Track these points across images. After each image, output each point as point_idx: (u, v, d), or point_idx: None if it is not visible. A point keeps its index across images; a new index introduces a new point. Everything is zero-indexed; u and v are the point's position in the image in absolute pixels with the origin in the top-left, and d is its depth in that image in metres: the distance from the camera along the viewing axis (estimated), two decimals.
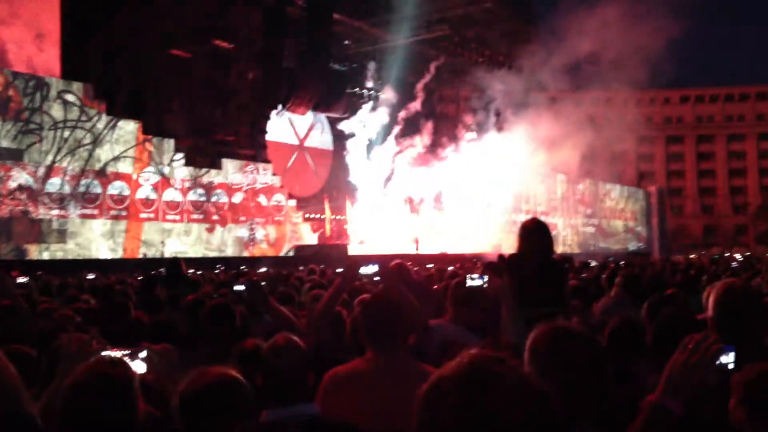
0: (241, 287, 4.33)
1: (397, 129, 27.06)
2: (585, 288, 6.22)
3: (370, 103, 28.45)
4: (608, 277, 6.61)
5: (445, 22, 27.64)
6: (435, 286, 6.07)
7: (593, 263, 14.30)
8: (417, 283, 5.29)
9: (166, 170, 20.50)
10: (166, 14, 21.01)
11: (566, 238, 36.81)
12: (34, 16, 18.20)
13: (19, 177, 17.08)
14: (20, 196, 17.05)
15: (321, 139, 30.29)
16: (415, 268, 8.85)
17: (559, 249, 27.86)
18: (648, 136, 61.98)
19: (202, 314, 3.57)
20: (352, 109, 28.21)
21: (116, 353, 2.50)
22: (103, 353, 2.45)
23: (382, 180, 27.11)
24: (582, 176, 36.99)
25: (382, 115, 27.20)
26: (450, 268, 10.43)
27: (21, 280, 7.41)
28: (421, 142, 26.80)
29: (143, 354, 2.55)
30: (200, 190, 21.39)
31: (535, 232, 4.20)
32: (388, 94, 27.43)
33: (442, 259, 18.21)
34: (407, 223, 26.31)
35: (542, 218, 5.07)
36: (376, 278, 4.71)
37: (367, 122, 27.28)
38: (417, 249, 23.54)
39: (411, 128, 27.30)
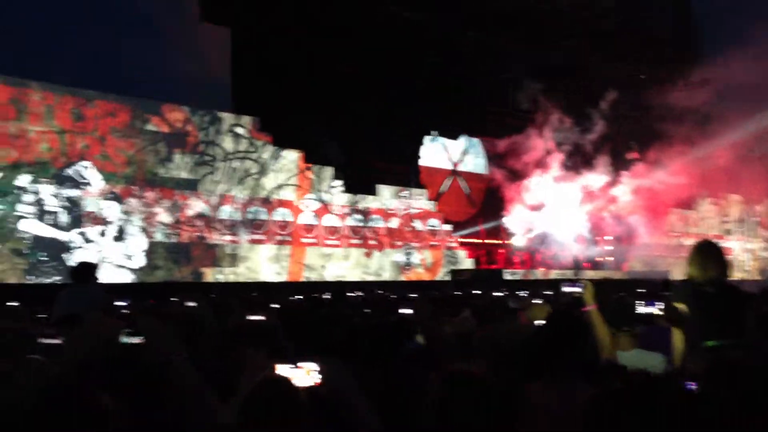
0: (409, 310, 4.36)
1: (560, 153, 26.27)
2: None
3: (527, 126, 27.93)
4: None
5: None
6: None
7: None
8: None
9: (326, 197, 21.35)
10: (323, 47, 22.02)
11: (744, 263, 33.91)
12: (208, 54, 19.72)
13: (196, 205, 18.50)
14: (197, 223, 18.45)
15: (475, 162, 30.16)
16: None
17: (736, 275, 25.70)
18: None
19: (374, 333, 3.63)
20: (508, 132, 27.86)
21: (288, 367, 2.56)
22: (277, 367, 2.52)
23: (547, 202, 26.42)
24: (761, 196, 34.04)
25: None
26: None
27: (190, 303, 7.92)
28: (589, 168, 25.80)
29: (316, 367, 2.59)
30: (358, 216, 22.07)
31: (708, 255, 3.86)
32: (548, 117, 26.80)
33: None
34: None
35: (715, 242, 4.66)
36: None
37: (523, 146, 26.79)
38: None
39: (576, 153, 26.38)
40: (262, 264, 19.63)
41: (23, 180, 15.63)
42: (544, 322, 3.34)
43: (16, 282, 15.01)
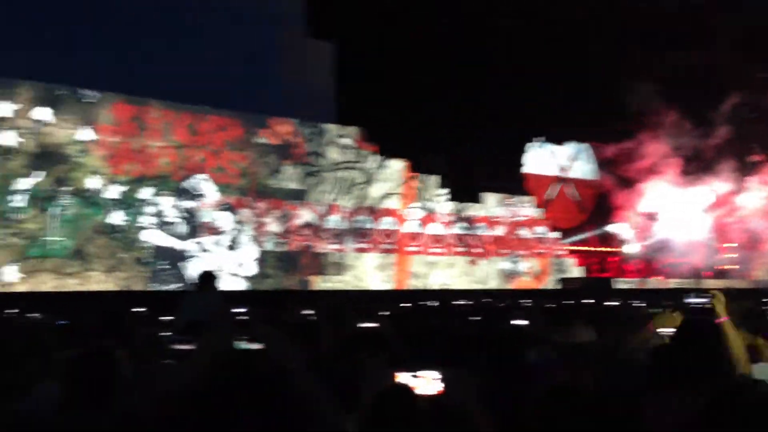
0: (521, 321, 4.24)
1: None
2: None
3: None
4: None
5: None
6: None
7: None
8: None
9: (431, 205, 21.35)
10: (429, 57, 22.09)
11: None
12: (314, 68, 20.23)
13: (305, 215, 18.95)
14: (305, 232, 18.90)
15: (584, 168, 29.29)
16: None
17: None
18: None
19: (491, 343, 3.56)
20: (619, 137, 26.87)
21: (409, 376, 2.53)
22: (397, 376, 2.50)
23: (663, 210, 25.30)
24: None
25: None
26: None
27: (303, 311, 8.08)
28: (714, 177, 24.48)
29: (438, 376, 2.55)
30: (463, 224, 21.92)
31: None
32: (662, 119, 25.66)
33: None
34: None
35: None
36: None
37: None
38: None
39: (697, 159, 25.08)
40: (368, 272, 19.83)
41: (145, 193, 16.55)
42: (673, 331, 3.16)
43: (141, 289, 15.86)
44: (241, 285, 17.45)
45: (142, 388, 2.12)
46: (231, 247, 17.74)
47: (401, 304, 12.04)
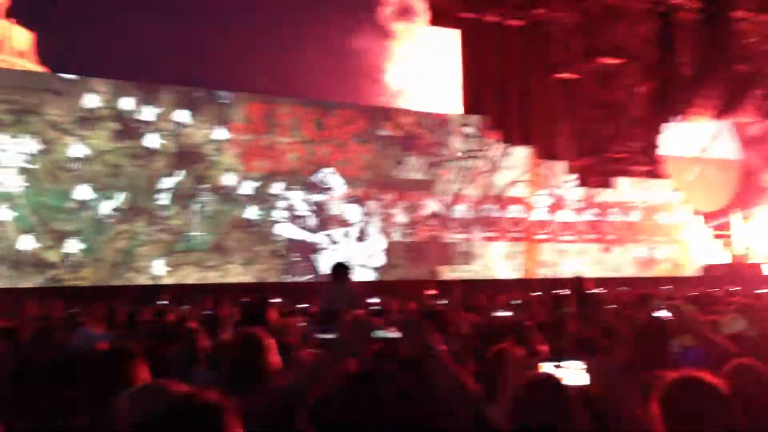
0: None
1: None
2: None
3: None
4: None
5: None
6: None
7: None
8: None
9: (559, 192, 20.74)
10: (552, 41, 21.51)
11: None
12: (437, 57, 20.18)
13: (431, 205, 18.98)
14: (432, 223, 18.92)
15: (726, 148, 27.40)
16: None
17: None
18: None
19: (638, 334, 3.39)
20: (764, 114, 24.96)
21: (552, 365, 2.45)
22: (542, 366, 2.44)
23: None
24: None
25: None
26: None
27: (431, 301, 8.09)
28: None
29: (583, 366, 2.46)
30: (594, 210, 21.14)
31: None
32: None
33: None
34: None
35: None
36: None
37: None
38: None
39: None
40: (496, 261, 19.58)
41: (277, 188, 17.18)
42: None
43: (276, 281, 16.51)
44: (370, 276, 17.74)
45: (289, 375, 2.17)
46: (359, 239, 18.07)
47: (533, 293, 11.81)
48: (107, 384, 1.97)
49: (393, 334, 2.27)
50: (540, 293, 11.91)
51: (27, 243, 14.52)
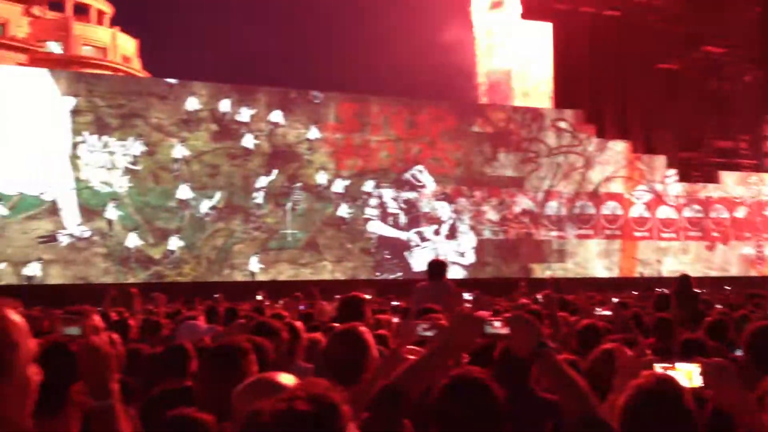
0: None
1: None
2: None
3: None
4: None
5: None
6: None
7: None
8: None
9: (659, 187, 19.95)
10: (651, 31, 20.70)
11: None
12: (530, 56, 19.82)
13: (522, 202, 18.65)
14: (524, 220, 18.60)
15: None
16: None
17: None
18: None
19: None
20: None
21: (664, 366, 2.36)
22: (656, 367, 2.36)
23: None
24: None
25: None
26: None
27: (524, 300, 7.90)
28: None
29: (697, 368, 2.35)
30: (696, 206, 20.21)
31: None
32: None
33: None
34: None
35: None
36: None
37: None
38: None
39: None
40: (591, 259, 19.05)
41: (368, 186, 17.33)
42: None
43: (366, 278, 16.66)
44: (461, 273, 17.61)
45: (392, 370, 2.17)
46: (449, 236, 17.99)
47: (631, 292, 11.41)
48: (223, 377, 2.03)
49: (503, 330, 2.22)
50: (638, 293, 11.47)
51: (133, 240, 15.26)
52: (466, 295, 6.32)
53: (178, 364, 2.88)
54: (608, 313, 5.43)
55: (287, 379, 1.69)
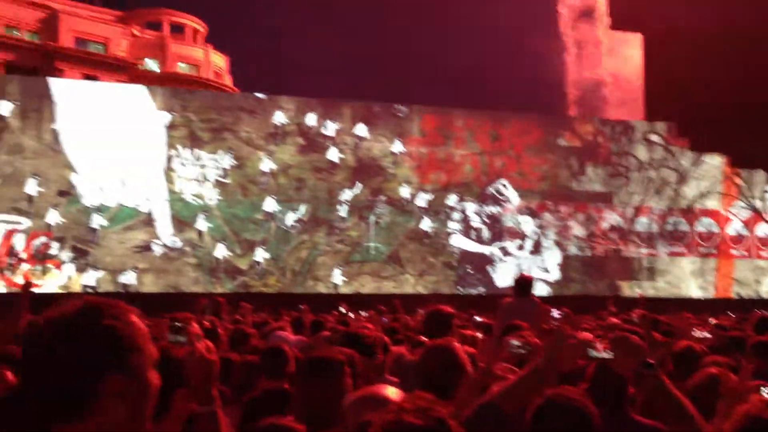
0: None
1: None
2: None
3: None
4: None
5: None
6: None
7: None
8: None
9: (758, 203, 18.96)
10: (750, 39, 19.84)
11: None
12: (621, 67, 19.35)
13: (610, 218, 18.12)
14: (612, 236, 18.05)
15: None
16: None
17: None
18: None
19: None
20: None
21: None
22: (763, 391, 2.25)
23: None
24: None
25: None
26: None
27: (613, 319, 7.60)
28: None
29: None
30: None
31: None
32: None
33: None
34: None
35: None
36: None
37: None
38: None
39: None
40: (684, 278, 18.26)
41: (452, 200, 17.26)
42: None
43: (448, 292, 16.54)
44: (545, 290, 17.23)
45: (487, 388, 2.14)
46: (534, 252, 17.66)
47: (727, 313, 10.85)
48: (319, 388, 2.06)
49: (605, 354, 2.16)
50: (735, 314, 10.89)
51: (221, 251, 15.74)
52: (554, 313, 6.18)
53: (278, 366, 2.96)
54: (707, 335, 5.17)
55: (393, 392, 1.70)
